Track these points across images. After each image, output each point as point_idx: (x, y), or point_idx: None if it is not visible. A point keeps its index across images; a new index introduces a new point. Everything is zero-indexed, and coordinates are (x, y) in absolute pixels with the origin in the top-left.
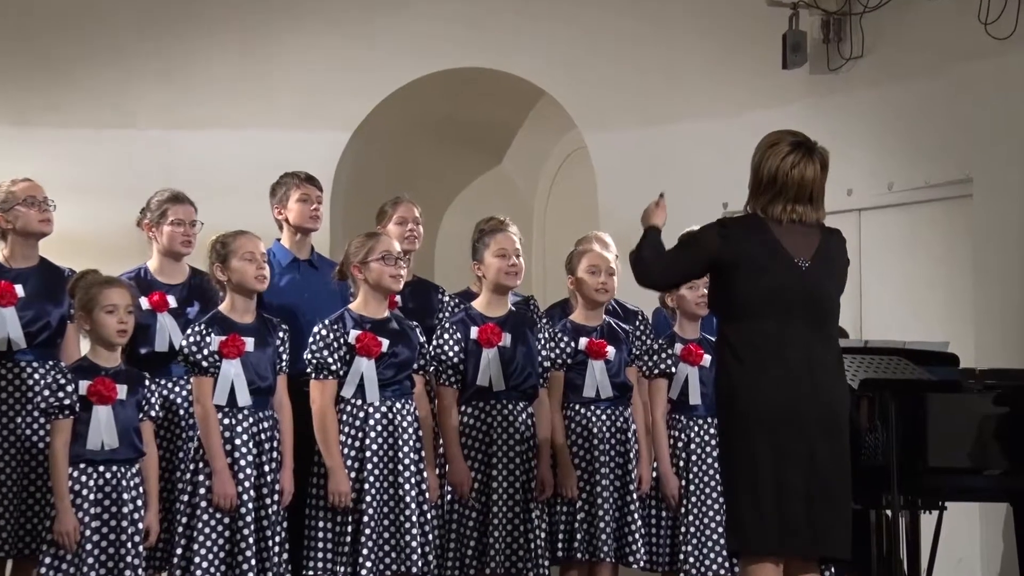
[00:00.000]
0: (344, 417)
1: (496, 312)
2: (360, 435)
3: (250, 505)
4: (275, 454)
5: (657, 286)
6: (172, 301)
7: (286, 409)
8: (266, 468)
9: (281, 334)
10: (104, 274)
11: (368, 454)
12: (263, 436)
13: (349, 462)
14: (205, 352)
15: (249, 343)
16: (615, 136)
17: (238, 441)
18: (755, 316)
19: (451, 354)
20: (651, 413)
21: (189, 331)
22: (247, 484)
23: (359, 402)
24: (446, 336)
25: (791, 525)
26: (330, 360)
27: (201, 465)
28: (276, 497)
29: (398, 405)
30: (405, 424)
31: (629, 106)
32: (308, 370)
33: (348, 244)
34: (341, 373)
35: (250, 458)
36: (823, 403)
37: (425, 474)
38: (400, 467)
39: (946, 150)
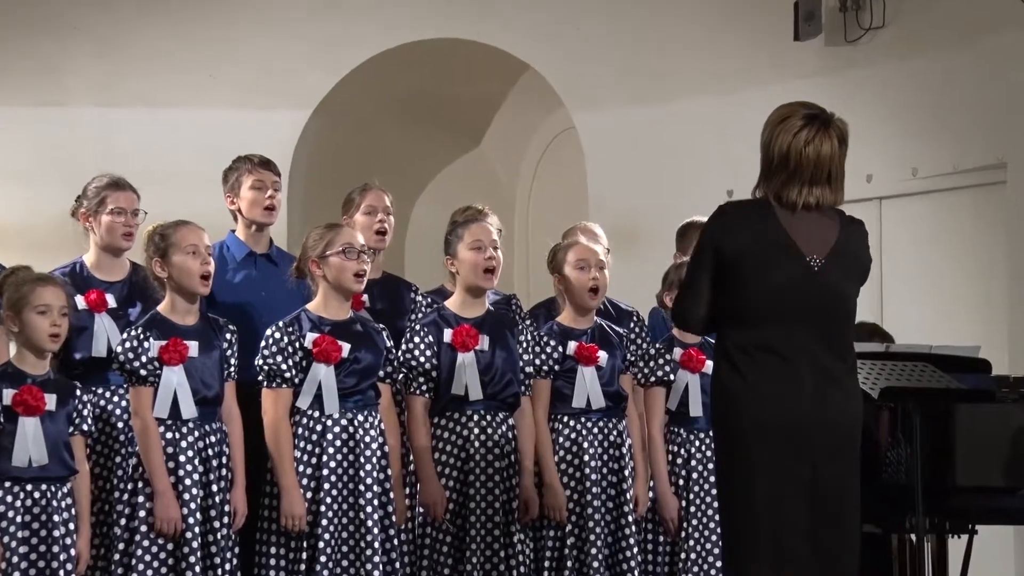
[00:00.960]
0: (300, 430)
1: (472, 312)
2: (317, 451)
3: (196, 530)
4: (224, 472)
5: (702, 329)
6: (111, 300)
7: (236, 421)
8: (214, 487)
9: (229, 336)
10: (36, 270)
11: (326, 472)
12: (210, 452)
13: (305, 481)
14: (143, 359)
15: (193, 347)
16: (607, 115)
17: (182, 458)
18: (757, 322)
19: (422, 359)
20: (647, 426)
21: (124, 335)
22: (193, 506)
23: (316, 414)
24: (416, 339)
25: (790, 560)
26: (284, 366)
27: (140, 485)
28: (226, 520)
29: (361, 417)
30: (368, 439)
31: (623, 82)
32: (260, 377)
33: (306, 237)
34: (296, 381)
35: (196, 476)
36: (830, 420)
37: (391, 495)
38: (362, 487)
39: (977, 131)
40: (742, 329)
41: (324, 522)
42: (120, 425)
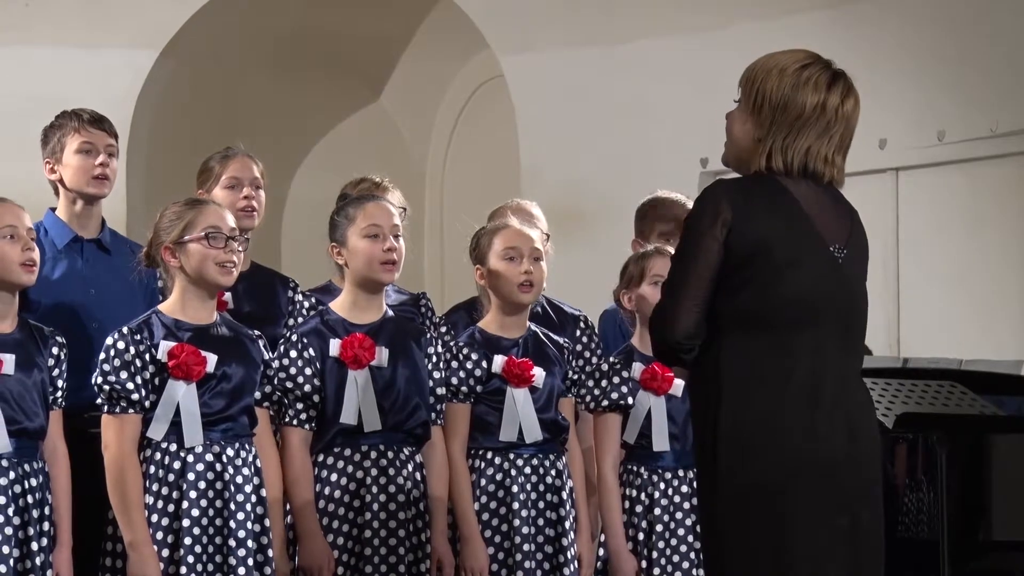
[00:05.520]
0: (152, 468)
1: (366, 317)
2: (175, 495)
3: None
4: (46, 525)
5: (688, 347)
6: None
7: (62, 461)
8: (34, 545)
9: (56, 350)
10: None
11: (187, 523)
12: (30, 499)
13: (159, 534)
14: None
15: (8, 362)
16: (544, 60)
17: None
18: (773, 331)
19: (300, 379)
20: (597, 463)
21: None
22: (3, 568)
23: (174, 447)
24: (292, 353)
25: None
26: (131, 386)
27: None
28: None
29: (231, 451)
30: (240, 479)
31: (565, 17)
32: (99, 400)
33: (158, 217)
34: (147, 405)
35: (9, 530)
36: (862, 452)
37: (270, 552)
38: (233, 542)
39: (1021, 86)
40: (751, 342)
41: None
42: None
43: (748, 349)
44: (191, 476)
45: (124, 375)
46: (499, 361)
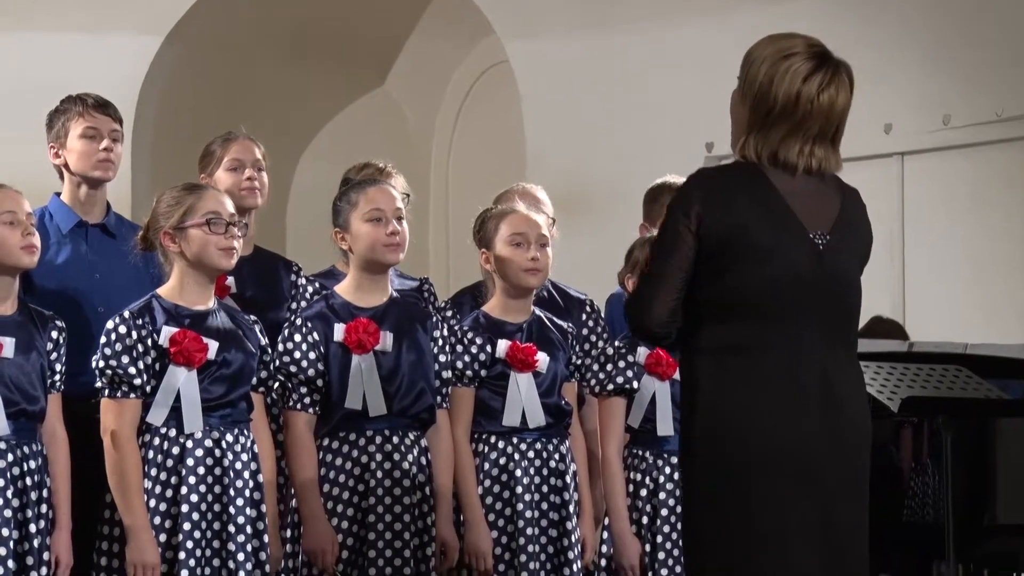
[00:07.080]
0: (151, 454)
1: (370, 301)
2: (174, 480)
3: None
4: (45, 508)
5: (663, 334)
6: None
7: (61, 444)
8: (32, 528)
9: (55, 334)
10: None
11: (186, 508)
12: (29, 481)
13: (157, 519)
14: None
15: (8, 345)
16: (550, 45)
17: None
18: (748, 319)
19: (304, 364)
20: (601, 447)
21: None
22: (3, 551)
23: (173, 432)
24: (296, 337)
25: None
26: (131, 371)
27: None
28: (44, 571)
29: (230, 437)
30: (239, 465)
31: (570, 4)
32: (99, 384)
33: (156, 200)
34: (148, 390)
35: (8, 513)
36: (846, 446)
37: (266, 538)
38: (232, 527)
39: None
40: (729, 328)
41: (184, 572)
42: None
43: (725, 336)
44: (190, 462)
45: (126, 359)
46: (503, 346)
